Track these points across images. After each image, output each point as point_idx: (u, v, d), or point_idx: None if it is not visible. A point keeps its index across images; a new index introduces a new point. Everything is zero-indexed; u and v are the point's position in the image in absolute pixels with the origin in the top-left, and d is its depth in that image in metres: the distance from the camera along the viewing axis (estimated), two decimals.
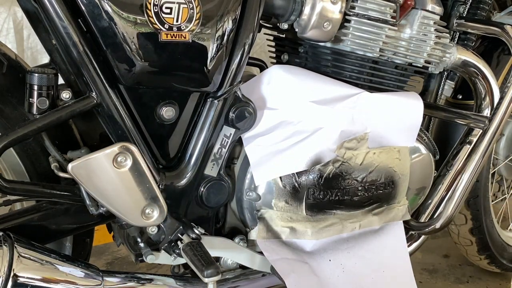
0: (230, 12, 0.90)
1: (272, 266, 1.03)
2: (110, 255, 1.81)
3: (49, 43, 0.91)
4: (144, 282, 0.98)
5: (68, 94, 0.88)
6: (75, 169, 0.83)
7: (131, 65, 0.85)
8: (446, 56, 1.18)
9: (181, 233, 0.95)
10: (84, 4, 0.80)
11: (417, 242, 1.32)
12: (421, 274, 1.78)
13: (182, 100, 0.95)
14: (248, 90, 1.03)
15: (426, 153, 1.19)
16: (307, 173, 1.03)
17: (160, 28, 0.84)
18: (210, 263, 0.88)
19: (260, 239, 1.06)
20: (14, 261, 0.83)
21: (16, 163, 0.98)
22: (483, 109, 1.26)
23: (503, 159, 1.66)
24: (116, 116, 0.89)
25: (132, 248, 0.99)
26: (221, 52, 0.91)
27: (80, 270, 0.91)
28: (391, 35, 1.07)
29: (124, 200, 0.87)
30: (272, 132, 1.03)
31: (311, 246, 1.10)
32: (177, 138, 0.98)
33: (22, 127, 0.84)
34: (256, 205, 1.05)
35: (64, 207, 0.97)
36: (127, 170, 0.86)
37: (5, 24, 1.98)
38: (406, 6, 1.08)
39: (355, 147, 1.07)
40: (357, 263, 1.12)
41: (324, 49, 1.09)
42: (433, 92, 1.35)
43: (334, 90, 1.05)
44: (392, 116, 1.10)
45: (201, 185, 1.00)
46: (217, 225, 1.10)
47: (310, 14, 0.99)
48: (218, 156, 1.00)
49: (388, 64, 1.12)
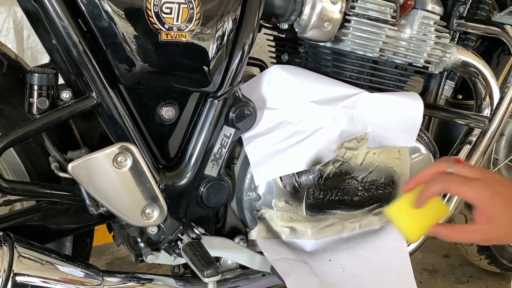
0: (230, 12, 0.90)
1: (272, 266, 1.03)
2: (110, 255, 1.81)
3: (49, 43, 0.91)
4: (144, 282, 0.98)
5: (68, 94, 0.88)
6: (75, 169, 0.83)
7: (131, 65, 0.85)
8: (446, 56, 1.18)
9: (181, 233, 0.95)
10: (84, 4, 0.80)
11: (417, 242, 1.32)
12: (421, 274, 1.78)
13: (182, 100, 0.95)
14: (248, 90, 1.03)
15: (426, 153, 1.19)
16: (307, 173, 1.03)
17: (160, 28, 0.84)
18: (210, 263, 0.88)
19: (260, 239, 1.06)
20: (14, 261, 0.83)
21: (16, 163, 0.98)
22: (483, 109, 1.26)
23: (503, 159, 1.66)
24: (116, 116, 0.89)
25: (132, 248, 0.99)
26: (221, 52, 0.91)
27: (80, 270, 0.91)
28: (391, 35, 1.07)
29: (124, 200, 0.87)
30: (272, 132, 1.03)
31: (311, 246, 1.10)
32: (177, 138, 0.98)
33: (22, 127, 0.84)
34: (256, 205, 1.05)
35: (64, 207, 0.97)
36: (127, 170, 0.86)
37: (5, 24, 1.98)
38: (406, 6, 1.08)
39: (355, 147, 1.07)
40: (357, 263, 1.12)
41: (324, 49, 1.09)
42: (433, 92, 1.35)
43: (334, 90, 1.05)
44: (392, 116, 1.10)
45: (201, 185, 1.00)
46: (217, 225, 1.10)
47: (310, 14, 0.99)
48: (218, 156, 1.00)
49: (388, 64, 1.12)
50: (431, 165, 0.84)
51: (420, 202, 0.81)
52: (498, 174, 0.84)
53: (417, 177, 0.84)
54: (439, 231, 0.83)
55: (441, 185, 0.80)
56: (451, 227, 0.85)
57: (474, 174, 0.80)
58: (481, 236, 0.81)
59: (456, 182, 0.79)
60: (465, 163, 0.85)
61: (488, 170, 0.84)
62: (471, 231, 0.81)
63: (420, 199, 0.81)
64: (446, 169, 0.81)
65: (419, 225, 0.83)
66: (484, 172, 0.82)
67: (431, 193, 0.81)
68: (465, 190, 0.79)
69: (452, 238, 0.84)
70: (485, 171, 0.83)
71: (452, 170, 0.81)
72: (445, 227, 0.84)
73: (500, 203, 0.78)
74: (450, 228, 0.84)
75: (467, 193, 0.79)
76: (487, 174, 0.81)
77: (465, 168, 0.81)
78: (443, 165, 0.81)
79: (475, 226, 0.80)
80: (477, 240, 0.85)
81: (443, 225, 0.85)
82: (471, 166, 0.84)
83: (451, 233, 0.83)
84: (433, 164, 0.85)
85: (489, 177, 0.80)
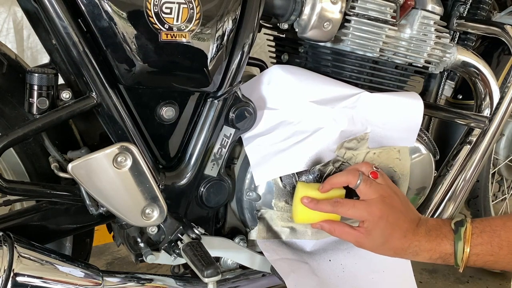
0: (230, 12, 0.90)
1: (272, 266, 1.03)
2: (110, 255, 1.81)
3: (49, 43, 0.91)
4: (144, 282, 0.98)
5: (68, 94, 0.88)
6: (75, 169, 0.83)
7: (131, 65, 0.85)
8: (446, 56, 1.18)
9: (181, 233, 0.95)
10: (84, 4, 0.80)
11: None
12: (421, 274, 1.78)
13: (182, 100, 0.95)
14: (248, 90, 1.03)
15: (426, 153, 1.19)
16: (307, 173, 1.03)
17: (160, 28, 0.84)
18: (210, 263, 0.88)
19: (260, 239, 1.06)
20: (14, 261, 0.83)
21: (16, 163, 0.98)
22: (483, 109, 1.26)
23: (503, 159, 1.66)
24: (116, 116, 0.88)
25: (132, 248, 0.99)
26: (221, 52, 0.91)
27: (80, 270, 0.91)
28: (391, 35, 1.07)
29: (124, 200, 0.87)
30: (272, 132, 1.03)
31: (311, 246, 1.10)
32: (177, 138, 0.98)
33: (22, 127, 0.84)
34: (256, 205, 1.05)
35: (64, 207, 0.97)
36: (127, 170, 0.86)
37: (5, 24, 1.99)
38: (406, 6, 1.08)
39: (355, 147, 1.07)
40: (357, 263, 1.12)
41: (324, 49, 1.09)
42: (433, 92, 1.35)
43: (334, 90, 1.05)
44: (392, 116, 1.10)
45: (201, 185, 1.00)
46: (217, 225, 1.10)
47: (310, 14, 0.99)
48: (218, 156, 1.00)
49: (388, 64, 1.12)
50: (346, 173, 0.95)
51: (309, 206, 0.95)
52: (397, 196, 0.94)
53: (331, 181, 0.95)
54: (322, 225, 0.96)
55: (332, 208, 0.93)
56: (333, 224, 0.96)
57: (373, 194, 0.91)
58: (355, 240, 0.94)
59: (344, 206, 0.92)
60: (372, 181, 0.93)
61: (389, 191, 0.93)
62: (348, 233, 0.94)
63: (309, 205, 0.95)
64: (355, 183, 0.92)
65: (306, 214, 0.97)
66: (384, 193, 0.92)
67: (321, 209, 0.94)
68: (350, 213, 0.92)
69: (332, 232, 0.96)
70: (385, 192, 0.92)
71: (359, 184, 0.92)
72: (329, 223, 0.96)
73: (381, 227, 0.90)
74: (332, 224, 0.96)
75: (354, 215, 0.92)
76: (385, 195, 0.92)
77: (369, 187, 0.92)
78: (354, 178, 0.93)
79: (354, 232, 0.93)
80: (350, 241, 0.95)
81: (327, 221, 0.96)
82: (376, 186, 0.92)
83: (331, 228, 0.95)
84: (347, 173, 0.95)
85: (386, 197, 0.91)
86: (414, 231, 0.91)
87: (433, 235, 0.91)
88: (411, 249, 0.91)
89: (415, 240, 0.91)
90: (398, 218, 0.91)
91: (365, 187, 0.92)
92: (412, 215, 0.94)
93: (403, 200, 0.95)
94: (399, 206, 0.93)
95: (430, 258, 0.91)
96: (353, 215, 0.92)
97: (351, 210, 0.92)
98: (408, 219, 0.92)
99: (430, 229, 0.92)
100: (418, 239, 0.91)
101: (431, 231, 0.91)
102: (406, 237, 0.91)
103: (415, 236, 0.91)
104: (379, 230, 0.90)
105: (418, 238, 0.91)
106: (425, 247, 0.90)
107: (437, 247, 0.90)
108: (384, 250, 0.93)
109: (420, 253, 0.91)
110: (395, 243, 0.91)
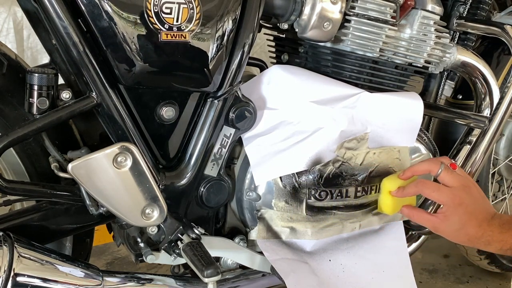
0: (230, 12, 0.90)
1: (272, 266, 1.03)
2: (110, 255, 1.81)
3: (49, 43, 0.91)
4: (144, 282, 0.98)
5: (68, 94, 0.88)
6: (75, 169, 0.83)
7: (131, 65, 0.85)
8: (446, 56, 1.18)
9: (181, 233, 0.95)
10: (84, 4, 0.80)
11: (417, 242, 1.32)
12: (421, 274, 1.78)
13: (182, 100, 0.95)
14: (248, 90, 1.03)
15: (426, 153, 1.19)
16: (307, 173, 1.03)
17: (160, 28, 0.84)
18: (210, 263, 0.88)
19: (260, 239, 1.06)
20: (14, 261, 0.83)
21: (16, 163, 0.98)
22: (483, 109, 1.25)
23: (503, 159, 1.66)
24: (116, 116, 0.89)
25: (132, 248, 0.99)
26: (221, 52, 0.91)
27: (80, 270, 0.91)
28: (391, 35, 1.07)
29: (124, 200, 0.87)
30: (272, 132, 1.03)
31: (311, 246, 1.10)
32: (177, 138, 0.98)
33: (22, 127, 0.84)
34: (256, 205, 1.05)
35: (64, 207, 0.97)
36: (127, 170, 0.86)
37: (5, 24, 1.99)
38: (406, 6, 1.08)
39: (355, 147, 1.07)
40: (357, 263, 1.12)
41: (324, 49, 1.09)
42: (433, 92, 1.35)
43: (334, 90, 1.05)
44: (392, 116, 1.10)
45: (201, 185, 1.00)
46: (217, 225, 1.10)
47: (310, 14, 0.99)
48: (218, 156, 1.00)
49: (388, 64, 1.12)
50: (427, 162, 1.01)
51: (398, 195, 1.02)
52: (476, 188, 1.00)
53: (413, 169, 1.01)
54: (403, 210, 1.03)
55: (417, 188, 0.98)
56: (413, 209, 1.02)
57: (455, 182, 0.96)
58: (432, 225, 0.99)
59: (429, 188, 0.97)
60: (453, 171, 0.98)
61: (469, 182, 1.00)
62: (426, 218, 0.99)
63: (398, 194, 1.02)
64: (436, 171, 0.97)
65: (392, 203, 1.04)
66: (465, 183, 0.97)
67: (407, 193, 1.01)
68: (434, 196, 0.97)
69: (411, 218, 1.03)
70: (465, 182, 0.97)
71: (440, 173, 0.97)
72: (408, 208, 1.02)
73: (460, 213, 0.95)
74: (412, 210, 1.02)
75: (436, 198, 0.97)
76: (466, 185, 0.97)
77: (451, 175, 0.97)
78: (435, 167, 0.97)
79: (432, 217, 0.98)
80: (429, 226, 1.00)
81: (407, 207, 1.03)
82: (457, 175, 0.98)
83: (410, 214, 1.02)
84: (429, 162, 1.00)
85: (466, 187, 0.96)
86: (489, 222, 0.96)
87: (506, 227, 0.96)
88: (484, 238, 0.96)
89: (489, 230, 0.95)
90: (476, 208, 0.96)
91: (447, 175, 0.96)
92: (488, 207, 0.99)
93: (480, 193, 0.99)
94: (477, 196, 0.98)
95: (500, 249, 0.97)
96: (436, 197, 0.97)
97: (435, 192, 0.96)
98: (485, 210, 0.97)
99: (504, 222, 0.96)
100: (492, 229, 0.95)
101: (504, 224, 0.96)
102: (481, 226, 0.95)
103: (490, 227, 0.95)
104: (457, 216, 0.95)
105: (492, 228, 0.96)
106: (497, 238, 0.96)
107: (509, 238, 0.95)
108: (459, 236, 0.97)
109: (492, 243, 0.96)
110: (470, 230, 0.96)
